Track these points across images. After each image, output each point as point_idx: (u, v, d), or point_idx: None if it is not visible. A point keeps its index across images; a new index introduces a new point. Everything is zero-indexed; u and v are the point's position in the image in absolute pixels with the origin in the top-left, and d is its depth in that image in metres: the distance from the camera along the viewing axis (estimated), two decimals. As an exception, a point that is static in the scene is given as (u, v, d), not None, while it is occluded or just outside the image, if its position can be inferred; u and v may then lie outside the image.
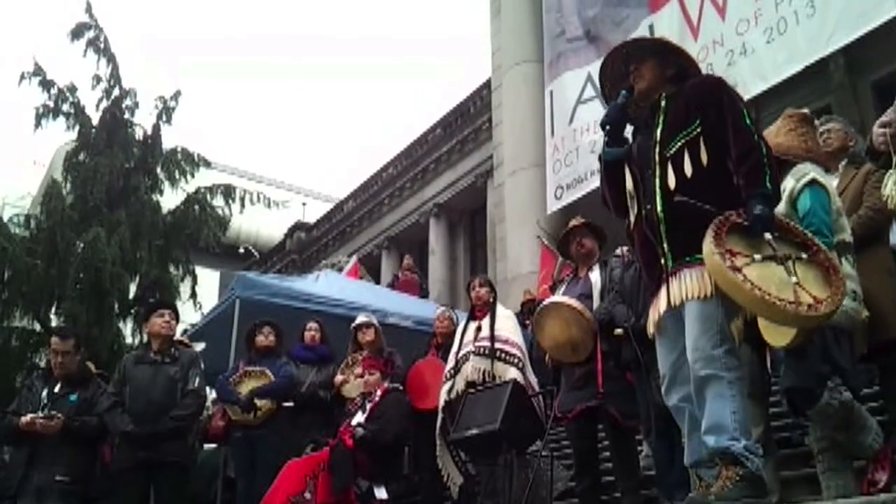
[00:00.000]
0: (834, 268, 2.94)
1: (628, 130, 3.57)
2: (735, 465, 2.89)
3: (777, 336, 3.19)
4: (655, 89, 3.38)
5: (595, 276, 5.05)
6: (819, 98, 11.03)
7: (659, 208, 3.15)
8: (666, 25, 12.01)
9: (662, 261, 3.17)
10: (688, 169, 3.13)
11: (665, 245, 3.14)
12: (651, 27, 12.32)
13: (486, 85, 16.96)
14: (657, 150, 3.22)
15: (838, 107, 10.64)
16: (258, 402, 6.15)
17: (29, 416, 5.17)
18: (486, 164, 16.77)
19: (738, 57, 10.87)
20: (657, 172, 3.19)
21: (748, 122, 3.12)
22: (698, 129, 3.16)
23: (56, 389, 5.44)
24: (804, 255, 2.96)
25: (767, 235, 2.92)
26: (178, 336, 6.42)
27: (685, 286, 3.05)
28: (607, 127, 3.41)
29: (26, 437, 5.21)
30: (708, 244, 2.85)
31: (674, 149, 3.18)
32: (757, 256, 2.87)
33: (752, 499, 2.89)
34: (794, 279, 2.82)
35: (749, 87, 10.55)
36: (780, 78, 10.29)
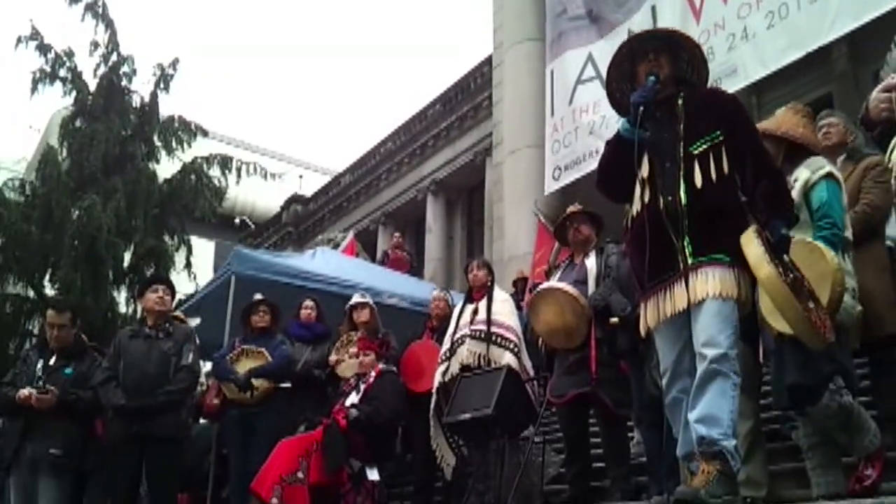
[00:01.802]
0: (818, 299, 3.09)
1: None
2: (715, 461, 2.97)
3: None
4: (668, 83, 3.42)
5: (591, 262, 5.07)
6: (821, 86, 11.01)
7: (683, 202, 3.16)
8: (668, 7, 11.89)
9: (680, 255, 3.16)
10: (713, 172, 3.18)
11: (686, 239, 3.15)
12: (653, 8, 12.21)
13: (487, 61, 16.83)
14: (681, 145, 3.25)
15: (840, 95, 10.62)
16: (255, 382, 6.16)
17: (26, 390, 5.19)
18: (486, 141, 16.68)
19: (739, 41, 10.71)
20: (682, 167, 3.22)
21: (764, 145, 3.34)
22: (721, 138, 3.22)
23: (51, 362, 5.46)
24: (806, 284, 3.09)
25: (786, 257, 3.03)
26: (174, 311, 6.42)
27: (708, 283, 3.08)
28: (641, 108, 3.30)
29: (21, 410, 5.23)
30: (760, 251, 2.95)
31: (700, 149, 3.22)
32: (790, 276, 2.99)
33: (732, 495, 2.98)
34: (811, 303, 2.99)
35: (749, 72, 10.49)
36: (780, 64, 10.18)
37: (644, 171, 3.34)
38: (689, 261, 3.13)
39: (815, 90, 11.09)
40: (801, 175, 3.67)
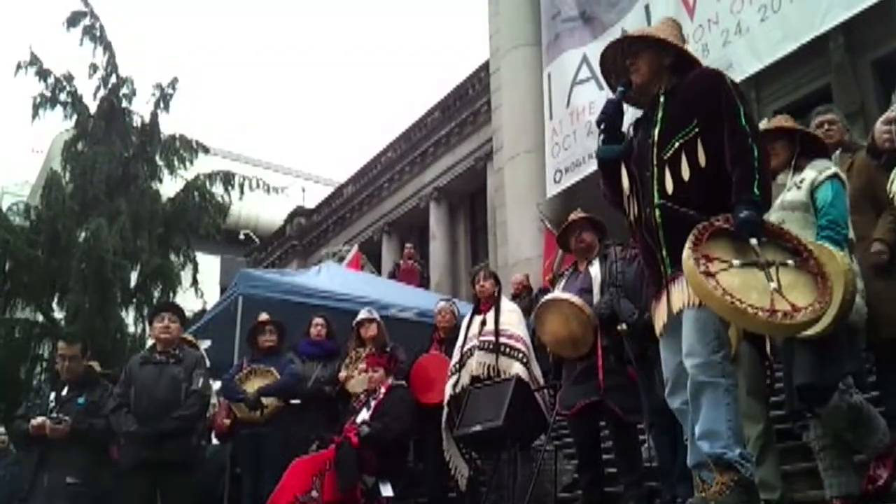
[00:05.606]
0: (823, 275, 2.84)
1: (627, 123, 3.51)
2: (729, 471, 2.93)
3: None
4: (654, 81, 3.32)
5: (595, 269, 5.05)
6: (819, 77, 10.99)
7: (657, 213, 3.11)
8: (662, 5, 11.89)
9: (662, 267, 3.16)
10: (685, 172, 3.08)
11: (664, 251, 3.12)
12: (647, 7, 12.23)
13: (485, 67, 16.86)
14: (654, 151, 3.17)
15: (838, 86, 10.60)
16: (264, 401, 6.19)
17: (38, 420, 5.23)
18: (486, 146, 16.71)
19: (734, 36, 10.75)
20: (655, 175, 3.14)
21: (744, 122, 3.04)
22: (696, 130, 3.10)
23: (63, 393, 5.50)
24: (791, 262, 2.87)
25: (753, 241, 2.84)
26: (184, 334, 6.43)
27: (684, 293, 3.02)
28: (602, 125, 3.33)
29: (36, 441, 5.28)
30: (686, 249, 2.83)
31: (671, 151, 3.12)
32: (736, 262, 2.81)
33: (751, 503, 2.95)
34: (773, 285, 2.75)
35: (744, 66, 10.50)
36: (774, 57, 10.21)
37: (625, 185, 3.34)
38: (668, 271, 3.12)
39: (813, 82, 11.07)
40: (808, 175, 3.71)
